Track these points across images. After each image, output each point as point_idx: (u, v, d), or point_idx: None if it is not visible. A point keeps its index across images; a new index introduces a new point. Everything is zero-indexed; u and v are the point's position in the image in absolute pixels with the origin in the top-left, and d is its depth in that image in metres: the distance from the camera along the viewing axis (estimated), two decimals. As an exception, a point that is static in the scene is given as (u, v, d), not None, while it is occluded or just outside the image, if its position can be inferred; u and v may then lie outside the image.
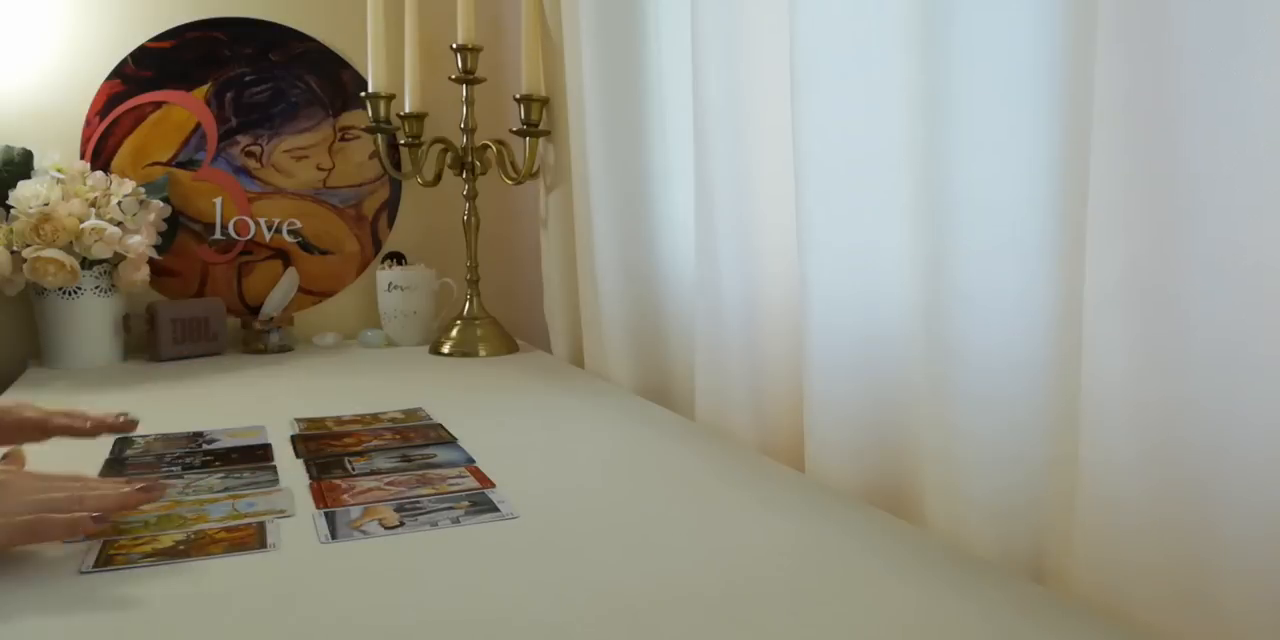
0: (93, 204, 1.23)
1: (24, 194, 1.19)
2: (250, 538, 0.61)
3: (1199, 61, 0.44)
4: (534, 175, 1.35)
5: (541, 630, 0.48)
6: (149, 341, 1.33)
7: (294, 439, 0.87)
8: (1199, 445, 0.46)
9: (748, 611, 0.50)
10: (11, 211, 1.20)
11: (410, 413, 0.97)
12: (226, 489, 0.71)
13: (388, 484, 0.72)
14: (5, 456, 0.71)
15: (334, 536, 0.61)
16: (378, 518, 0.65)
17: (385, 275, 1.43)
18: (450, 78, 1.33)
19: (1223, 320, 0.45)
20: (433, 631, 0.48)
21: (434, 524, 0.63)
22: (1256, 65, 0.43)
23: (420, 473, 0.75)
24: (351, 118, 1.48)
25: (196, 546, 0.59)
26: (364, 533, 0.62)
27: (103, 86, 1.36)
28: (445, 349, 1.35)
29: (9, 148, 1.26)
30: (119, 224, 1.23)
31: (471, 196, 1.38)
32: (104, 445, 0.84)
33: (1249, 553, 0.45)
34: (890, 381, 0.71)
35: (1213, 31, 0.44)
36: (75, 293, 1.25)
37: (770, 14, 0.80)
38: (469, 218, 1.38)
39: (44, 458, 0.82)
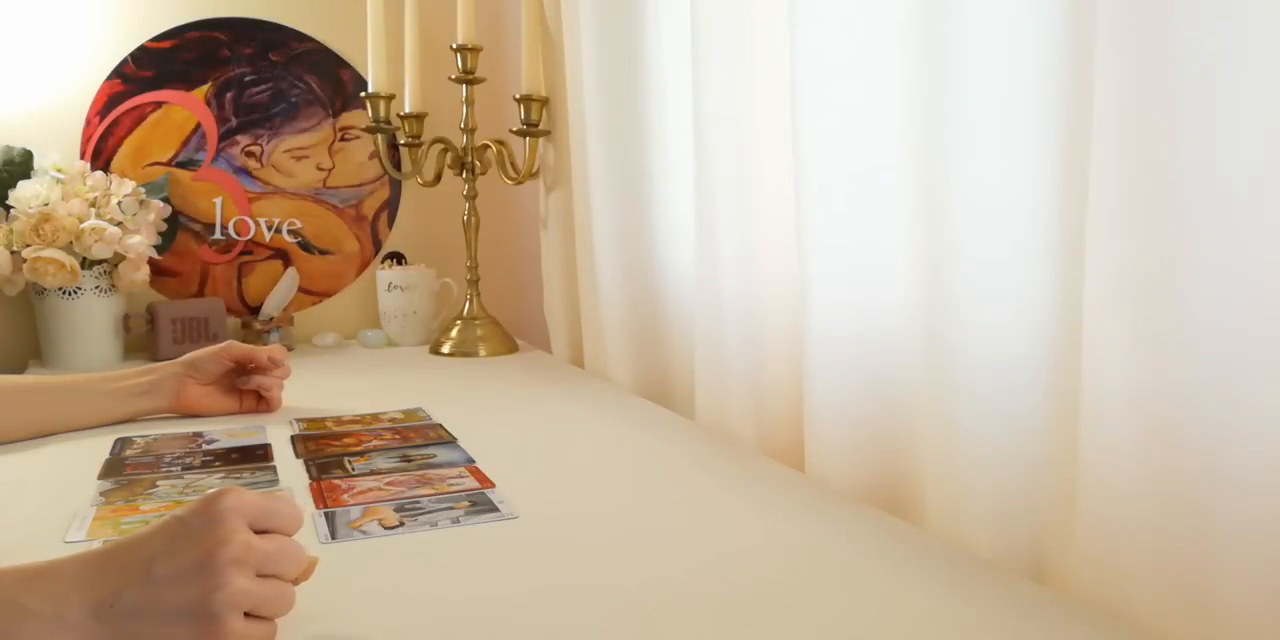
0: (93, 204, 1.23)
1: (24, 194, 1.19)
2: (250, 538, 0.61)
3: (1198, 62, 0.44)
4: (534, 175, 1.35)
5: (541, 630, 0.48)
6: (149, 341, 1.33)
7: (294, 439, 0.87)
8: (1199, 443, 0.46)
9: (748, 611, 0.50)
10: (11, 211, 1.20)
11: (410, 413, 0.97)
12: (226, 489, 0.72)
13: (387, 484, 0.72)
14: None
15: (334, 537, 0.61)
16: (377, 518, 0.65)
17: (385, 275, 1.43)
18: (450, 78, 1.33)
19: (1222, 318, 0.45)
20: (432, 631, 0.48)
21: (434, 524, 0.63)
22: (1256, 65, 0.43)
23: (420, 473, 0.75)
24: (351, 118, 1.48)
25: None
26: (364, 533, 0.62)
27: (103, 86, 1.36)
28: (445, 349, 1.35)
29: (9, 148, 1.26)
30: (119, 224, 1.23)
31: (471, 196, 1.38)
32: (104, 446, 0.85)
33: (1249, 550, 0.45)
34: (890, 381, 0.71)
35: (1212, 32, 0.44)
36: (75, 293, 1.25)
37: (771, 13, 0.80)
38: (469, 218, 1.38)
39: (45, 457, 0.82)
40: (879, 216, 0.70)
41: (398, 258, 1.48)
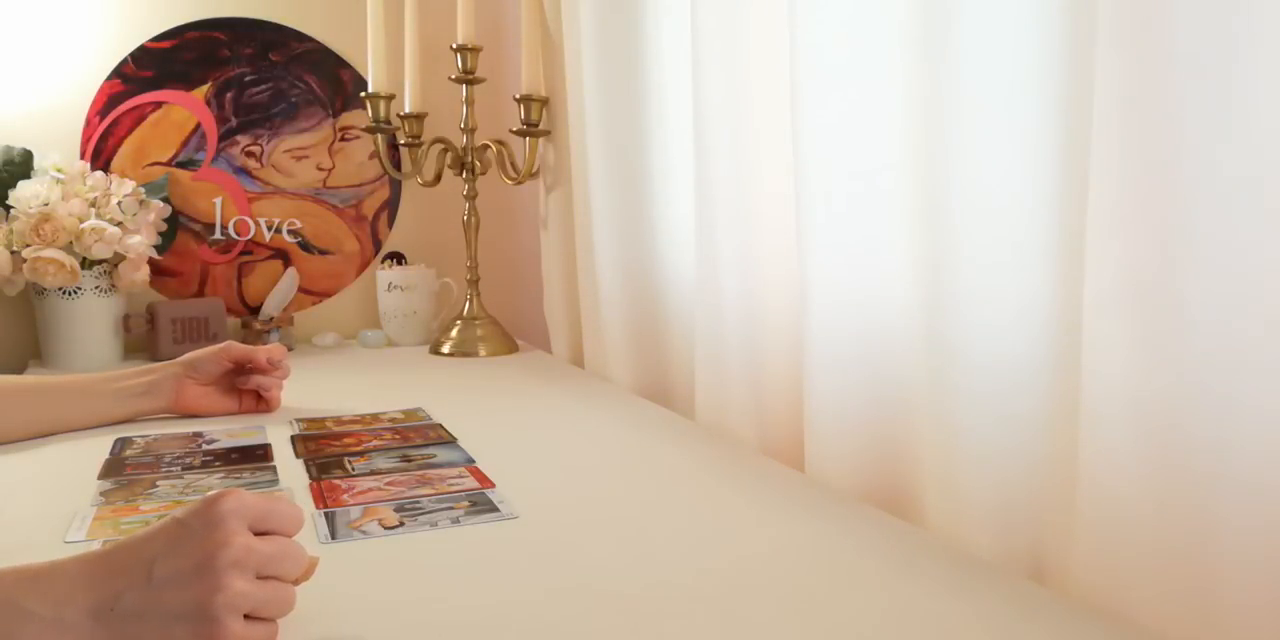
0: (93, 204, 1.23)
1: (24, 194, 1.19)
2: (250, 538, 0.61)
3: (1198, 62, 0.44)
4: (534, 175, 1.35)
5: (541, 629, 0.48)
6: (149, 341, 1.33)
7: (294, 439, 0.87)
8: (1199, 443, 0.46)
9: (747, 610, 0.50)
10: (11, 211, 1.20)
11: (410, 413, 0.97)
12: (226, 489, 0.72)
13: (387, 484, 0.72)
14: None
15: (334, 537, 0.61)
16: (377, 518, 0.65)
17: (385, 275, 1.43)
18: (450, 78, 1.33)
19: (1222, 318, 0.45)
20: (432, 632, 0.48)
21: (434, 524, 0.63)
22: (1255, 65, 0.43)
23: (420, 473, 0.75)
24: (351, 118, 1.48)
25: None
26: (364, 533, 0.62)
27: (103, 86, 1.36)
28: (445, 349, 1.35)
29: (9, 148, 1.26)
30: (119, 224, 1.23)
31: (471, 196, 1.38)
32: (104, 446, 0.84)
33: (1249, 550, 0.45)
34: (890, 381, 0.71)
35: (1212, 32, 0.44)
36: (75, 293, 1.25)
37: (771, 14, 0.80)
38: (469, 218, 1.38)
39: (45, 457, 0.82)
40: (879, 216, 0.70)
41: (398, 258, 1.48)
